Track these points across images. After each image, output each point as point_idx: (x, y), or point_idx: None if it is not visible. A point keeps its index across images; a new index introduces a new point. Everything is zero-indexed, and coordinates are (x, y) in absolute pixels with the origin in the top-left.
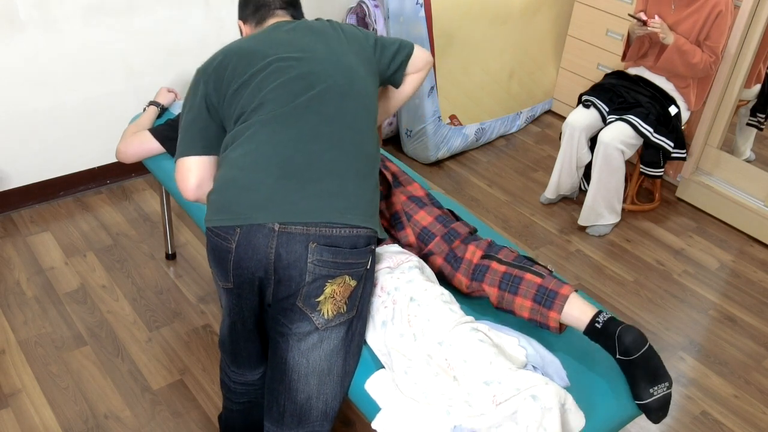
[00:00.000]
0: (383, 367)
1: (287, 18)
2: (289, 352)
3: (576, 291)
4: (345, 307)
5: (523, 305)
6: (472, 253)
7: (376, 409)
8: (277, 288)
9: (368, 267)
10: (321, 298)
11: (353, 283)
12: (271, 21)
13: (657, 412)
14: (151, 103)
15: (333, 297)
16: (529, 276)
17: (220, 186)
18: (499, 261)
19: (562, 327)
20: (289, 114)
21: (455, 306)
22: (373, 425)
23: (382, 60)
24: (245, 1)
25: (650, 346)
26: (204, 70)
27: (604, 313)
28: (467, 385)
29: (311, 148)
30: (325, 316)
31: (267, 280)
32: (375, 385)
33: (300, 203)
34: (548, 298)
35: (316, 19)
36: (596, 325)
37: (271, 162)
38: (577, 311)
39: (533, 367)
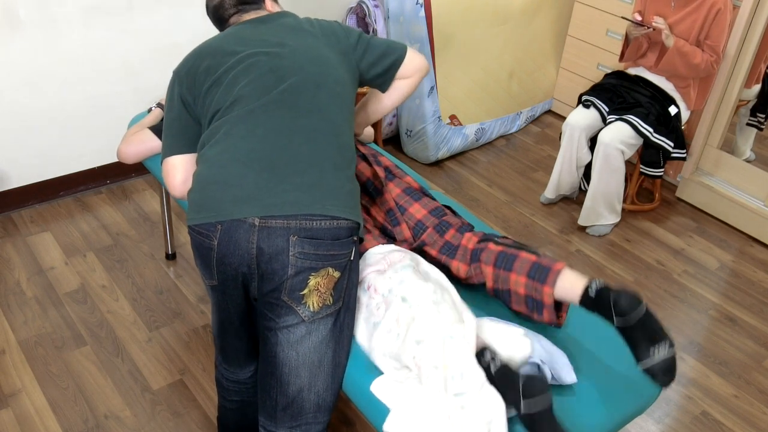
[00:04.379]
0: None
1: (251, 15)
2: (278, 345)
3: (570, 267)
4: (331, 299)
5: (518, 281)
6: (468, 240)
7: (379, 410)
8: (261, 282)
9: (351, 258)
10: (305, 291)
11: (337, 274)
12: (238, 21)
13: (662, 375)
14: (158, 105)
15: (317, 289)
16: (524, 254)
17: (200, 184)
18: (496, 242)
19: (561, 316)
20: (263, 108)
21: (444, 306)
22: (385, 427)
23: (365, 59)
24: (209, 15)
25: (648, 308)
26: (178, 71)
27: (597, 281)
28: (433, 389)
29: (287, 141)
30: (311, 309)
31: (250, 276)
32: (382, 387)
33: (280, 196)
34: (542, 273)
35: (290, 17)
36: (589, 294)
37: (249, 157)
38: (569, 283)
39: (540, 361)
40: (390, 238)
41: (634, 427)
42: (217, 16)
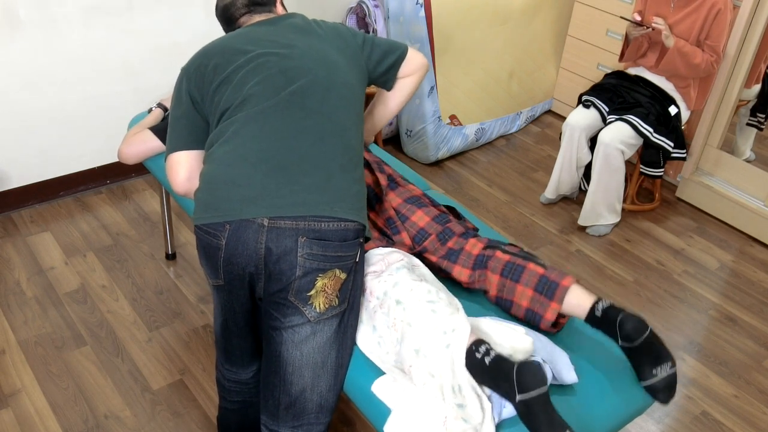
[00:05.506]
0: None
1: (262, 17)
2: (282, 345)
3: (577, 282)
4: (337, 300)
5: (524, 293)
6: (473, 246)
7: (379, 411)
8: (268, 283)
9: (357, 260)
10: (312, 292)
11: (343, 276)
12: (248, 24)
13: (663, 392)
14: (158, 105)
15: (324, 290)
16: (532, 265)
17: (208, 183)
18: (503, 251)
19: (557, 325)
20: (272, 109)
21: (440, 305)
22: (386, 428)
23: (371, 58)
24: (218, 17)
25: (652, 331)
26: (186, 68)
27: (603, 301)
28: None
29: (296, 142)
30: (318, 310)
31: (257, 276)
32: (383, 387)
33: (289, 197)
34: (550, 288)
35: (298, 18)
36: (596, 313)
37: (257, 157)
38: (576, 300)
39: (542, 360)
40: (389, 240)
41: (634, 427)
42: (227, 15)
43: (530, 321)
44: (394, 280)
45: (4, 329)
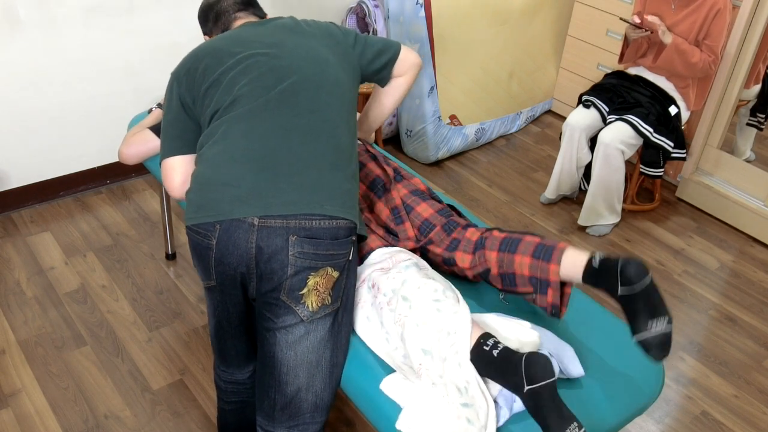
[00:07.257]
0: (387, 369)
1: (253, 18)
2: (276, 345)
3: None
4: (329, 299)
5: (523, 262)
6: (472, 233)
7: (380, 410)
8: (260, 282)
9: (350, 258)
10: (304, 290)
11: (335, 274)
12: (237, 24)
13: (657, 348)
14: (158, 105)
15: (316, 289)
16: (528, 237)
17: (198, 184)
18: (500, 230)
19: (563, 303)
20: (261, 108)
21: (445, 303)
22: (397, 425)
23: (364, 56)
24: (204, 14)
25: (652, 279)
26: (177, 73)
27: (599, 253)
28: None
29: (286, 141)
30: (310, 309)
31: (249, 276)
32: (392, 385)
33: (279, 196)
34: (546, 252)
35: (286, 18)
36: (593, 264)
37: (247, 157)
38: (572, 259)
39: (548, 353)
40: (394, 236)
41: (634, 427)
42: (217, 9)
43: (536, 292)
44: (402, 277)
45: (4, 329)
